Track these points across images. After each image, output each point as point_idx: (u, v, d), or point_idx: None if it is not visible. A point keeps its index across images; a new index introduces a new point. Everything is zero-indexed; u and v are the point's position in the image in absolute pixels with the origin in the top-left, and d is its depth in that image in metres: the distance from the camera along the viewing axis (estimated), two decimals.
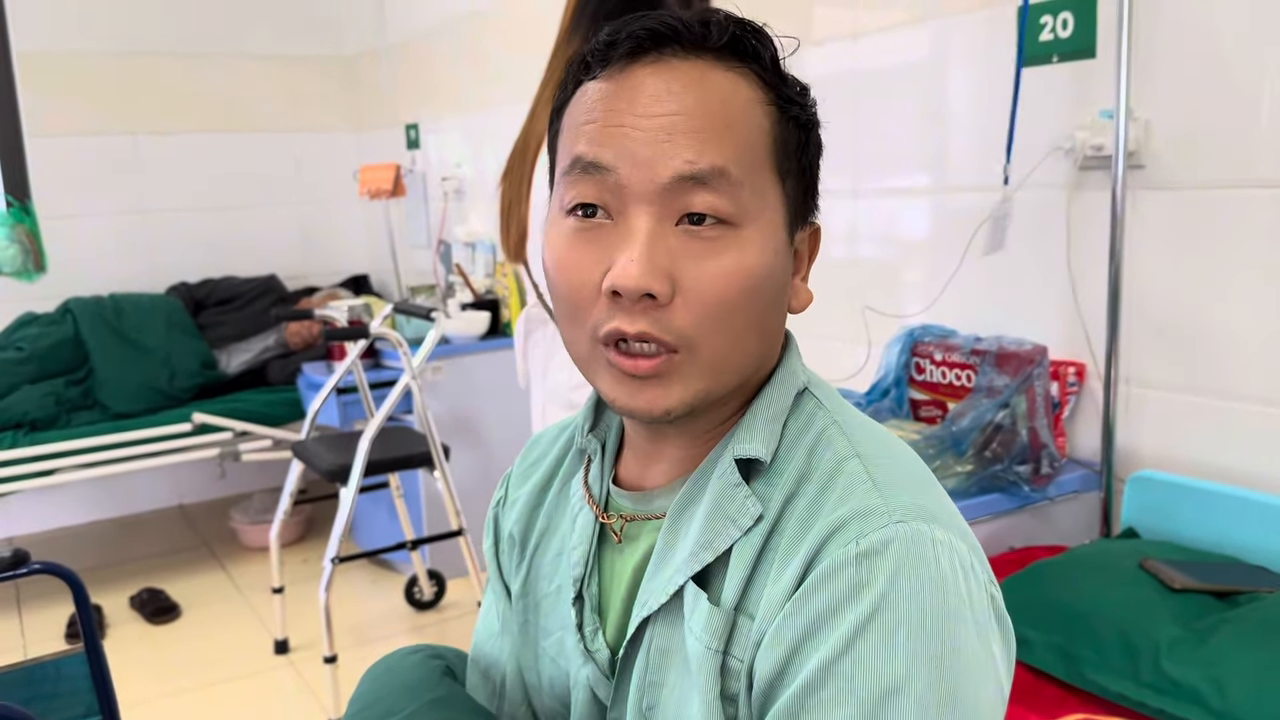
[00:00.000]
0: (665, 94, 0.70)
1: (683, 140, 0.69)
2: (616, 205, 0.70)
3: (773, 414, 0.76)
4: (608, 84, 0.72)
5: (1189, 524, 1.62)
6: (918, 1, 2.11)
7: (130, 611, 3.24)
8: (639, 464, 0.83)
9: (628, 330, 0.69)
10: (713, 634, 0.71)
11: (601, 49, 0.73)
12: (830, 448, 0.73)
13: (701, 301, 0.69)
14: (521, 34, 3.36)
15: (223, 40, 4.24)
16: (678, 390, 0.71)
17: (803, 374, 0.79)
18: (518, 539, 0.92)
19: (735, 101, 0.71)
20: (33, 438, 3.30)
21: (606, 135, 0.70)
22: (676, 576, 0.74)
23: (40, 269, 3.94)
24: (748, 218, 0.70)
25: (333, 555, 2.56)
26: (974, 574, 0.68)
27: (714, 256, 0.69)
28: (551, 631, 0.86)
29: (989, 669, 0.67)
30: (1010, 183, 1.87)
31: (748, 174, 0.70)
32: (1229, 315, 1.65)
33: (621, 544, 0.82)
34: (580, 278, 0.71)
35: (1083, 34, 1.79)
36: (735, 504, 0.73)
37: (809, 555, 0.68)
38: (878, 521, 0.67)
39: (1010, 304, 1.98)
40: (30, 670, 1.40)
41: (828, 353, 2.32)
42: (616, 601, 0.82)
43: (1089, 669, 1.34)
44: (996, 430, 1.71)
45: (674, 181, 0.69)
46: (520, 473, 0.96)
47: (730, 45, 0.72)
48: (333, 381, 3.00)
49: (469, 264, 3.68)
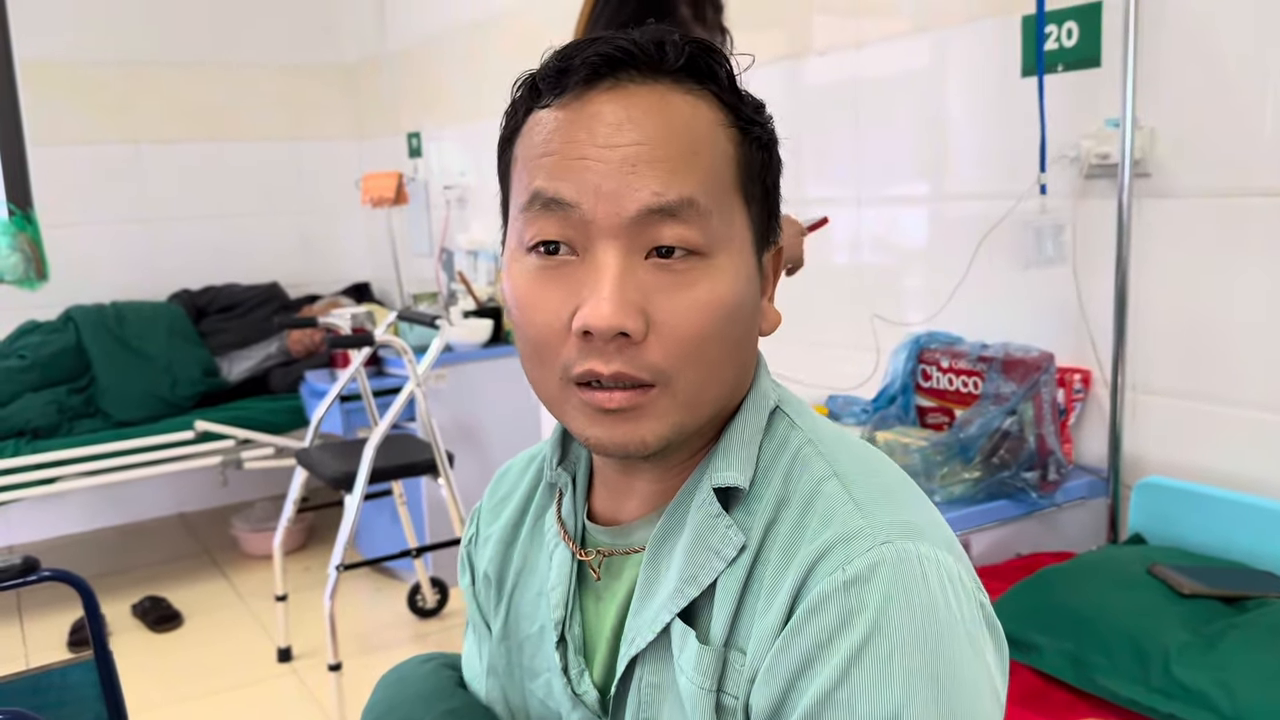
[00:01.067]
0: (626, 121, 0.67)
1: (648, 171, 0.66)
2: (581, 241, 0.67)
3: (747, 438, 0.74)
4: (562, 112, 0.69)
5: (1196, 530, 1.62)
6: (919, 11, 2.12)
7: (133, 619, 3.23)
8: (611, 497, 0.80)
9: (602, 372, 0.67)
10: (704, 673, 0.69)
11: (553, 74, 0.70)
12: (807, 469, 0.72)
13: (676, 336, 0.67)
14: (524, 43, 3.37)
15: (225, 49, 4.25)
16: (653, 424, 0.69)
17: (773, 392, 0.77)
18: (493, 579, 0.88)
19: (698, 126, 0.68)
20: (35, 446, 3.30)
21: (566, 168, 0.67)
22: (662, 613, 0.72)
23: (42, 277, 3.95)
24: (718, 246, 0.68)
25: (338, 563, 2.55)
26: (961, 585, 0.67)
27: (687, 289, 0.67)
28: (539, 673, 0.83)
29: (985, 681, 0.66)
30: (1026, 191, 1.88)
31: (716, 201, 0.68)
32: (1235, 322, 1.66)
33: (602, 580, 0.79)
34: (547, 318, 0.68)
35: (1088, 44, 1.80)
36: (717, 535, 0.71)
37: (796, 584, 0.66)
38: (862, 545, 0.65)
39: (1016, 311, 1.99)
40: (37, 679, 1.40)
41: (835, 360, 2.33)
42: (602, 641, 0.79)
43: (1099, 674, 1.35)
44: (1004, 437, 1.72)
45: (641, 214, 0.66)
46: (490, 508, 0.92)
47: (687, 66, 0.69)
48: (337, 389, 3.00)
49: (471, 272, 3.68)
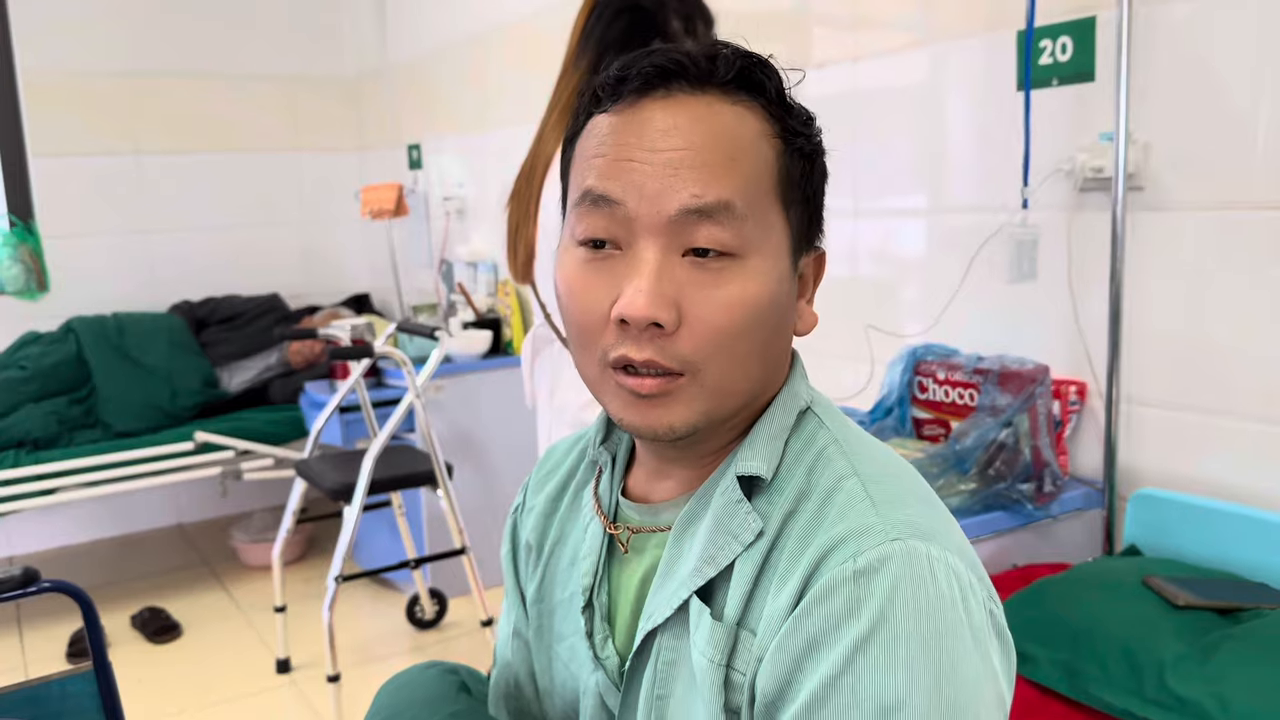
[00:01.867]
0: (673, 128, 0.72)
1: (689, 175, 0.71)
2: (625, 237, 0.73)
3: (775, 432, 0.78)
4: (617, 118, 0.74)
5: (1191, 541, 1.63)
6: (917, 26, 2.14)
7: (131, 631, 3.23)
8: (647, 478, 0.85)
9: (635, 357, 0.72)
10: (716, 648, 0.73)
11: (612, 83, 0.76)
12: (830, 466, 0.75)
13: (706, 330, 0.72)
14: (523, 56, 3.40)
15: (226, 60, 4.27)
16: (681, 410, 0.74)
17: (806, 394, 0.81)
18: (534, 545, 0.94)
19: (741, 135, 0.73)
20: (35, 456, 3.30)
21: (615, 169, 0.73)
22: (681, 590, 0.76)
23: (43, 288, 3.96)
24: (752, 248, 0.73)
25: (336, 574, 2.56)
26: (972, 591, 0.70)
27: (719, 286, 0.72)
28: (565, 637, 0.88)
29: (988, 682, 0.68)
30: (1019, 205, 1.90)
31: (752, 206, 0.73)
32: (1228, 334, 1.67)
33: (628, 554, 0.84)
34: (590, 305, 0.74)
35: (1082, 58, 1.81)
36: (737, 520, 0.75)
37: (807, 572, 0.69)
38: (874, 539, 0.68)
39: (1012, 323, 2.00)
40: (36, 690, 1.40)
41: (831, 371, 2.34)
42: (624, 611, 0.84)
43: (1094, 685, 1.35)
44: (1000, 449, 1.73)
45: (680, 215, 0.71)
46: (537, 480, 0.98)
47: (737, 79, 0.74)
48: (336, 400, 3.01)
49: (471, 283, 3.69)
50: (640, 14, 1.79)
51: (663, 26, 1.78)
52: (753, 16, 2.49)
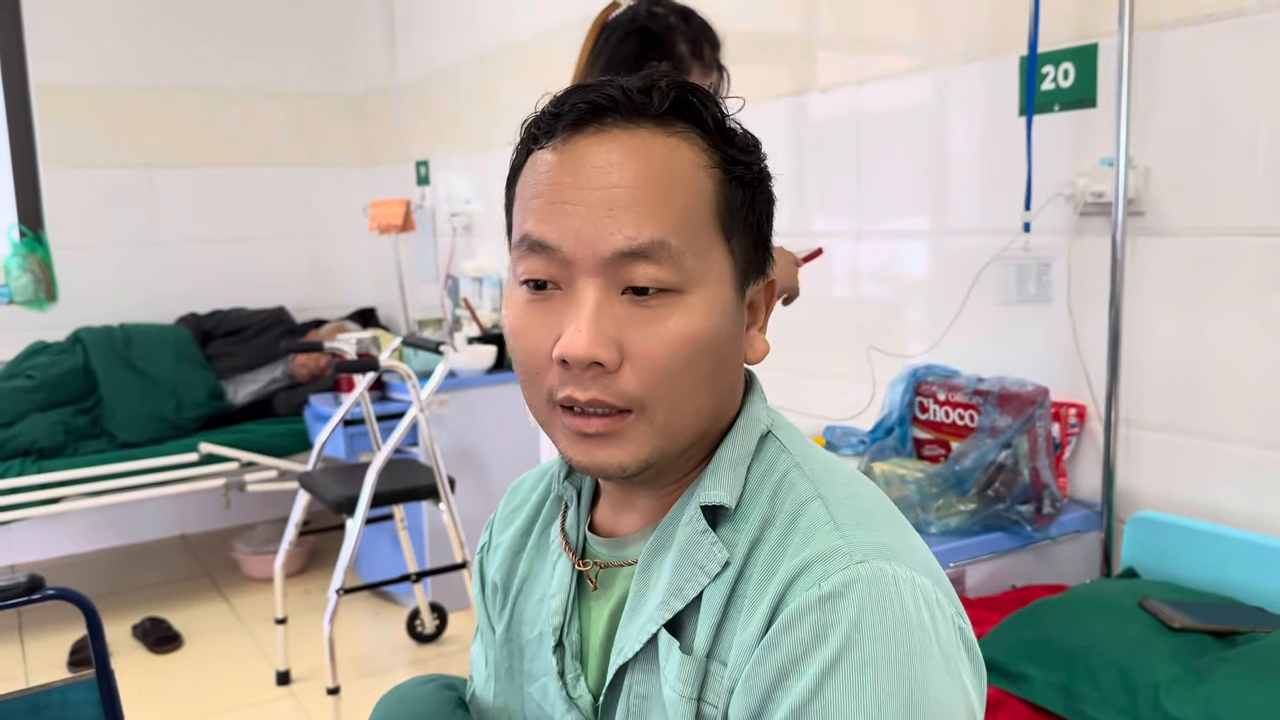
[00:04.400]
0: (606, 166, 0.72)
1: (623, 214, 0.71)
2: (565, 278, 0.73)
3: (736, 459, 0.77)
4: (553, 155, 0.74)
5: (1188, 564, 1.64)
6: (920, 50, 2.16)
7: (132, 640, 3.24)
8: (613, 511, 0.84)
9: (579, 398, 0.72)
10: (686, 681, 0.72)
11: (546, 119, 0.76)
12: (793, 490, 0.75)
13: (649, 367, 0.71)
14: (532, 75, 3.42)
15: (237, 76, 4.31)
16: (631, 448, 0.73)
17: (766, 417, 0.80)
18: (500, 585, 0.93)
19: (675, 167, 0.73)
20: (40, 466, 3.32)
21: (551, 213, 0.72)
22: (649, 624, 0.75)
23: (51, 298, 3.99)
24: (692, 283, 0.72)
25: (337, 586, 2.57)
26: (940, 608, 0.69)
27: (659, 323, 0.72)
28: (536, 677, 0.87)
29: (959, 700, 0.67)
30: (1021, 229, 1.91)
31: (690, 240, 0.72)
32: (1226, 359, 1.68)
33: (597, 590, 0.83)
34: (533, 345, 0.74)
35: (1083, 84, 1.83)
36: (702, 550, 0.74)
37: (775, 600, 0.69)
38: (839, 563, 0.68)
39: (1012, 345, 2.01)
40: (37, 697, 1.41)
41: (833, 391, 2.35)
42: (595, 647, 0.83)
43: (1089, 706, 1.36)
44: (999, 470, 1.74)
45: (615, 256, 0.71)
46: (503, 518, 0.97)
47: (672, 109, 0.74)
48: (341, 413, 3.02)
49: (476, 298, 3.71)
50: (647, 37, 1.81)
51: (670, 49, 1.79)
52: (757, 40, 2.52)
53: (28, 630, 3.35)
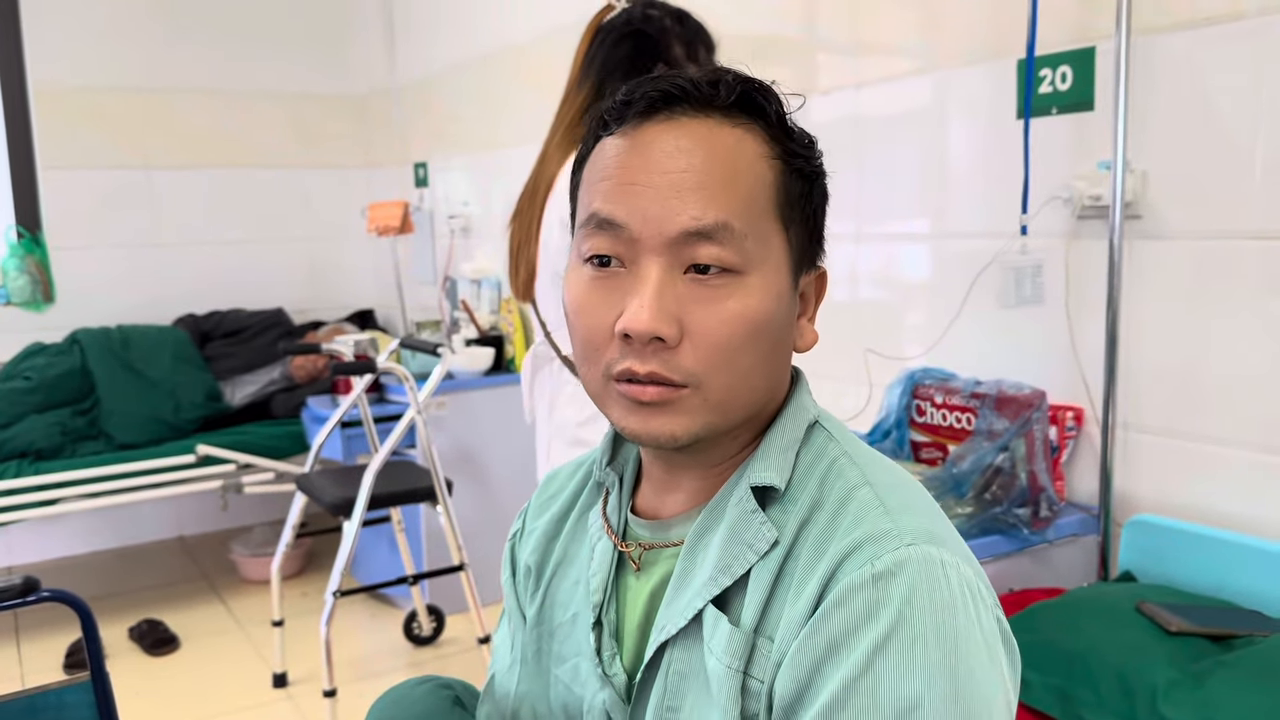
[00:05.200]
0: (675, 151, 0.75)
1: (690, 196, 0.74)
2: (629, 255, 0.76)
3: (786, 444, 0.79)
4: (623, 140, 0.77)
5: (1185, 568, 1.64)
6: (919, 53, 2.16)
7: (129, 642, 3.23)
8: (656, 494, 0.86)
9: (638, 370, 0.74)
10: (733, 654, 0.74)
11: (618, 107, 0.79)
12: (842, 476, 0.77)
13: (707, 344, 0.74)
14: (530, 77, 3.43)
15: (236, 77, 4.30)
16: (684, 420, 0.75)
17: (813, 408, 0.83)
18: (533, 569, 0.95)
19: (740, 157, 0.76)
20: (37, 467, 3.31)
21: (620, 193, 0.75)
22: (696, 600, 0.77)
23: (49, 299, 3.99)
24: (751, 265, 0.75)
25: (334, 589, 2.56)
26: (981, 598, 0.71)
27: (719, 302, 0.74)
28: (566, 658, 0.88)
29: (999, 686, 0.69)
30: (1018, 232, 1.91)
31: (751, 225, 0.75)
32: (1224, 363, 1.68)
33: (639, 571, 0.85)
34: (596, 321, 0.77)
35: (1081, 87, 1.83)
36: (752, 530, 0.76)
37: (825, 578, 0.71)
38: (890, 544, 0.70)
39: (1010, 349, 2.01)
40: (33, 699, 1.40)
41: (830, 393, 2.35)
42: (632, 628, 0.84)
43: (1086, 710, 1.36)
44: (996, 473, 1.74)
45: (681, 235, 0.74)
46: (537, 505, 0.99)
47: (738, 102, 0.77)
48: (338, 415, 3.02)
49: (474, 300, 3.71)
50: (643, 39, 1.81)
51: (665, 52, 1.80)
52: (756, 42, 2.52)
53: (24, 632, 3.35)
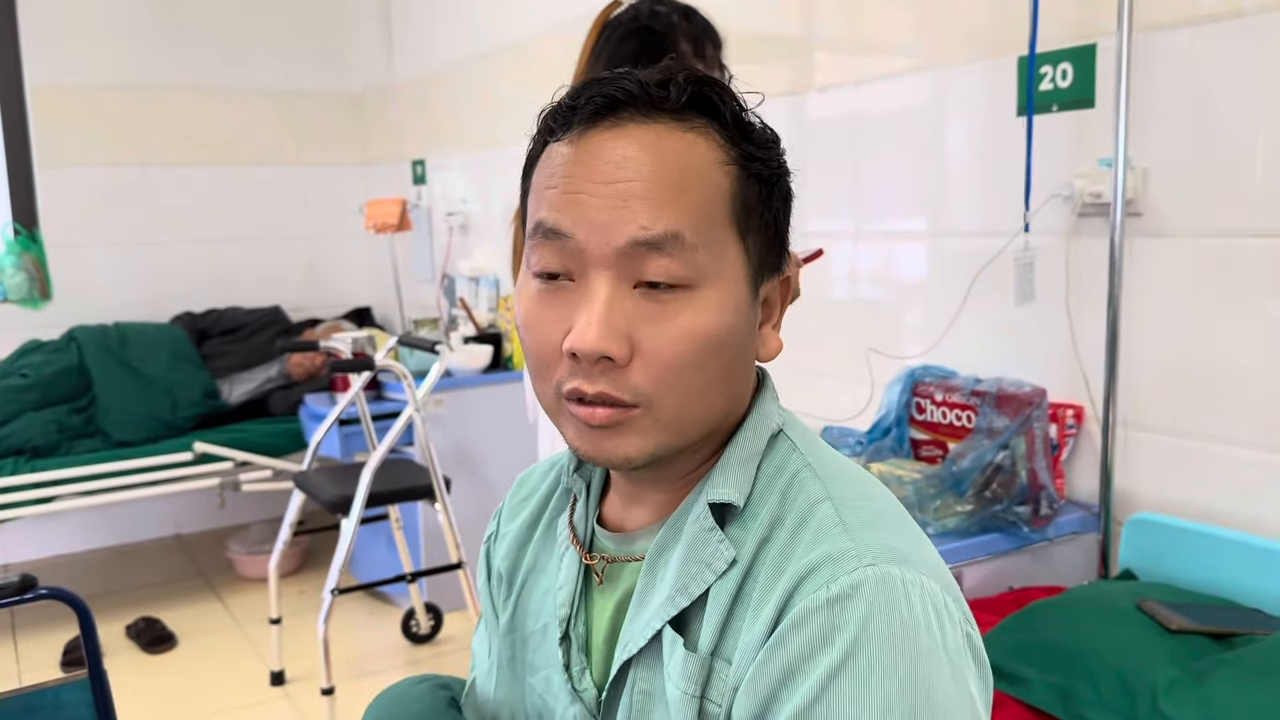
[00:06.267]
0: (622, 160, 0.71)
1: (638, 206, 0.70)
2: (577, 269, 0.72)
3: (745, 457, 0.77)
4: (569, 148, 0.74)
5: (1186, 566, 1.63)
6: (919, 51, 2.15)
7: (126, 640, 3.23)
8: (622, 505, 0.84)
9: (586, 391, 0.72)
10: (689, 679, 0.72)
11: (564, 112, 0.75)
12: (803, 491, 0.74)
13: (659, 363, 0.71)
14: (529, 75, 3.42)
15: (233, 75, 4.30)
16: (636, 441, 0.73)
17: (777, 416, 0.80)
18: (504, 575, 0.92)
19: (691, 164, 0.72)
20: (34, 465, 3.31)
21: (566, 202, 0.72)
22: (654, 620, 0.75)
23: (46, 297, 3.98)
24: (705, 279, 0.72)
25: (332, 586, 2.56)
26: (948, 613, 0.69)
27: (670, 319, 0.71)
28: (539, 668, 0.86)
29: (965, 706, 0.67)
30: (1019, 229, 1.91)
31: (704, 236, 0.71)
32: (1225, 361, 1.68)
33: (603, 585, 0.83)
34: (544, 337, 0.74)
35: (1082, 84, 1.83)
36: (709, 548, 0.74)
37: (782, 600, 0.68)
38: (848, 565, 0.67)
39: (1010, 346, 2.01)
40: (30, 698, 1.40)
41: (831, 392, 2.35)
42: (599, 641, 0.82)
43: (1087, 709, 1.35)
44: (996, 471, 1.73)
45: (629, 247, 0.70)
46: (510, 508, 0.96)
47: (690, 103, 0.73)
48: (336, 413, 3.01)
49: (472, 298, 3.70)
50: (649, 36, 1.80)
51: (671, 48, 1.78)
52: (756, 40, 2.51)
53: (21, 630, 3.34)
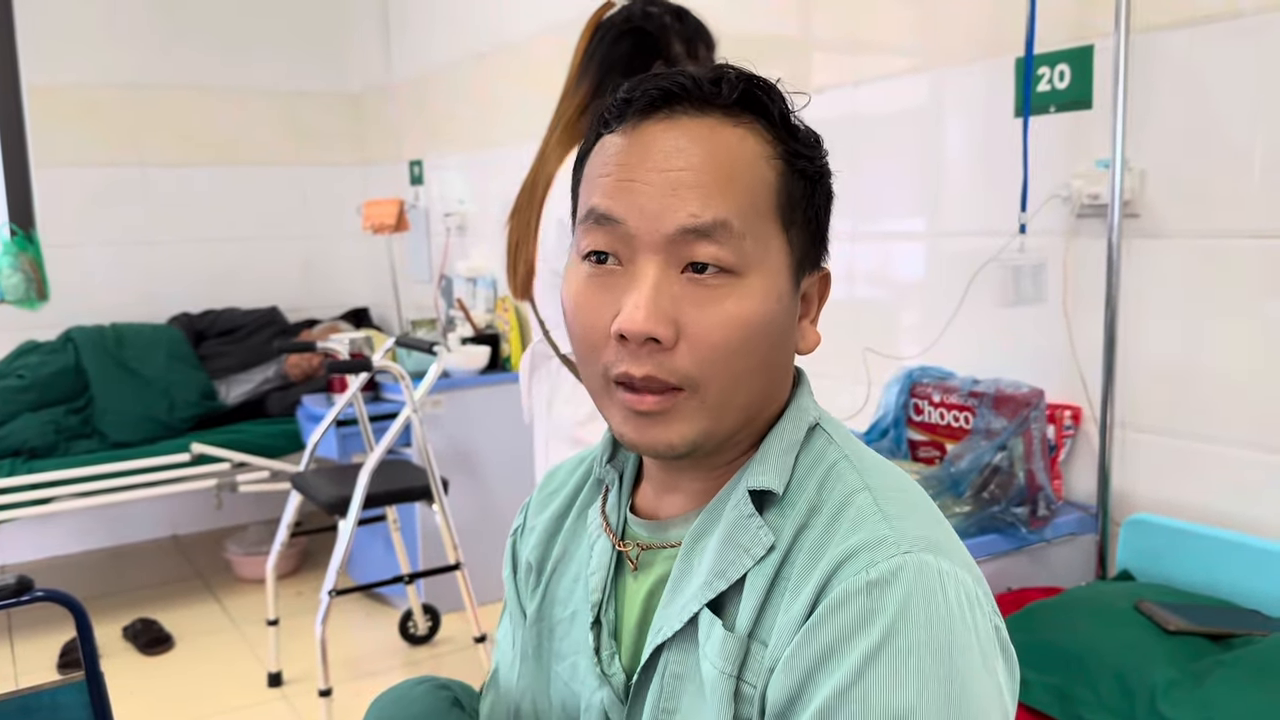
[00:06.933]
0: (674, 150, 0.74)
1: (688, 194, 0.73)
2: (627, 253, 0.75)
3: (785, 447, 0.78)
4: (623, 139, 0.77)
5: (1183, 567, 1.63)
6: (916, 51, 2.15)
7: (123, 642, 3.22)
8: (655, 494, 0.85)
9: (634, 374, 0.73)
10: (727, 659, 0.73)
11: (619, 105, 0.78)
12: (841, 480, 0.76)
13: (704, 345, 0.73)
14: (526, 75, 3.42)
15: (231, 75, 4.29)
16: (681, 427, 0.75)
17: (814, 410, 0.82)
18: (534, 565, 0.94)
19: (741, 156, 0.75)
20: (30, 466, 3.30)
21: (619, 189, 0.75)
22: (691, 603, 0.76)
23: (43, 297, 3.97)
24: (750, 266, 0.74)
25: (330, 588, 2.56)
26: (979, 605, 0.71)
27: (716, 303, 0.73)
28: (565, 656, 0.88)
29: (995, 696, 0.68)
30: (1017, 230, 1.91)
31: (750, 225, 0.74)
32: (1222, 362, 1.68)
33: (636, 571, 0.84)
34: (593, 320, 0.76)
35: (1079, 85, 1.83)
36: (748, 534, 0.76)
37: (820, 583, 0.70)
38: (887, 551, 0.69)
39: (1008, 347, 2.01)
40: (26, 699, 1.39)
41: (828, 392, 2.34)
42: (630, 626, 0.84)
43: (1086, 710, 1.35)
44: (994, 472, 1.73)
45: (678, 233, 0.73)
46: (539, 501, 0.98)
47: (740, 101, 0.76)
48: (333, 413, 3.01)
49: (470, 299, 3.70)
50: (643, 37, 1.81)
51: (665, 49, 1.80)
52: (753, 40, 2.51)
53: (17, 632, 3.33)
